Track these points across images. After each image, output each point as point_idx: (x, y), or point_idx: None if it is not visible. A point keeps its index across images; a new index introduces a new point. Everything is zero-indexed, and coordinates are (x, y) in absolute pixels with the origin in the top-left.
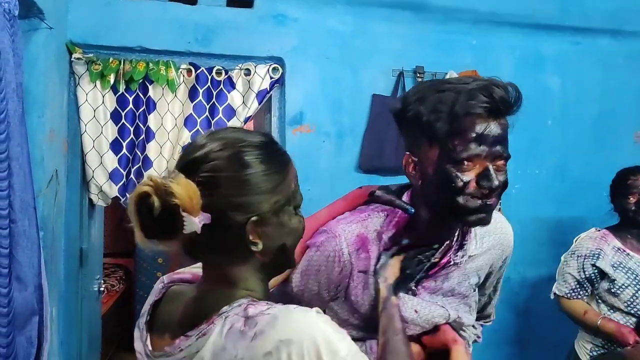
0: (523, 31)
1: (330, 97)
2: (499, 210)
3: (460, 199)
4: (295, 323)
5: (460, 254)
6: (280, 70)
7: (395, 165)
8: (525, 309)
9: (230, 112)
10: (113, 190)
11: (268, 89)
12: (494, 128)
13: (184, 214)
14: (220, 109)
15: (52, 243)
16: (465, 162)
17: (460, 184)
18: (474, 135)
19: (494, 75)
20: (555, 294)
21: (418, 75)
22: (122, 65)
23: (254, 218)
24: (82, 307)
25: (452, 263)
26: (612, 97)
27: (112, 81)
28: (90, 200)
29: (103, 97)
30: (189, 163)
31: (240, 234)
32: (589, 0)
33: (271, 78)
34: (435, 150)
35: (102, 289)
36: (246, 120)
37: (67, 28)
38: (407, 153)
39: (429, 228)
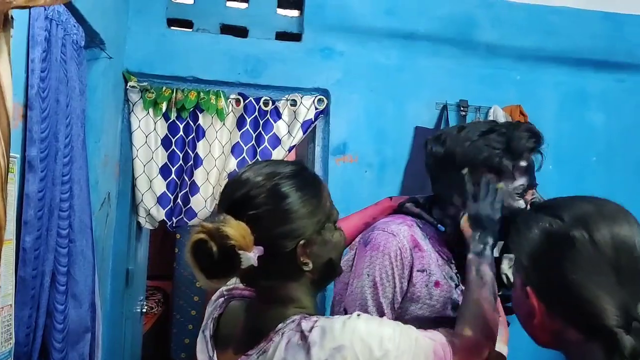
0: (568, 67)
1: (373, 129)
2: None
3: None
4: (341, 330)
5: None
6: (326, 101)
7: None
8: None
9: (276, 141)
10: (160, 214)
11: (313, 119)
12: (533, 161)
13: (240, 252)
14: (266, 137)
15: (102, 263)
16: (521, 191)
17: (519, 209)
18: (525, 167)
19: (539, 111)
20: None
21: (462, 109)
22: (174, 94)
23: (301, 242)
24: (126, 327)
25: None
26: None
27: (164, 109)
28: (138, 223)
29: (155, 124)
30: (233, 203)
31: (291, 258)
32: (636, 37)
33: (316, 109)
34: (490, 181)
35: (144, 310)
36: (290, 149)
37: (124, 57)
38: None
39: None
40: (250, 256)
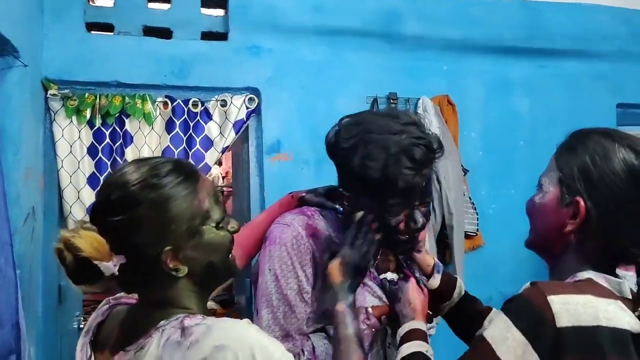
0: (491, 56)
1: (306, 125)
2: (477, 231)
3: (391, 236)
4: (228, 331)
5: None
6: (256, 100)
7: None
8: None
9: (208, 142)
10: None
11: (245, 119)
12: (418, 180)
13: (95, 262)
14: (198, 140)
15: (30, 281)
16: (394, 209)
17: (391, 226)
18: (400, 187)
19: (466, 99)
20: None
21: (392, 101)
22: (98, 100)
23: (167, 248)
24: (62, 345)
25: None
26: (580, 117)
27: (88, 116)
28: None
29: (79, 132)
30: (95, 209)
31: (158, 265)
32: (554, 25)
33: (247, 108)
34: (366, 195)
35: (82, 326)
36: (224, 150)
37: (42, 65)
38: (340, 190)
39: None
40: (109, 266)
